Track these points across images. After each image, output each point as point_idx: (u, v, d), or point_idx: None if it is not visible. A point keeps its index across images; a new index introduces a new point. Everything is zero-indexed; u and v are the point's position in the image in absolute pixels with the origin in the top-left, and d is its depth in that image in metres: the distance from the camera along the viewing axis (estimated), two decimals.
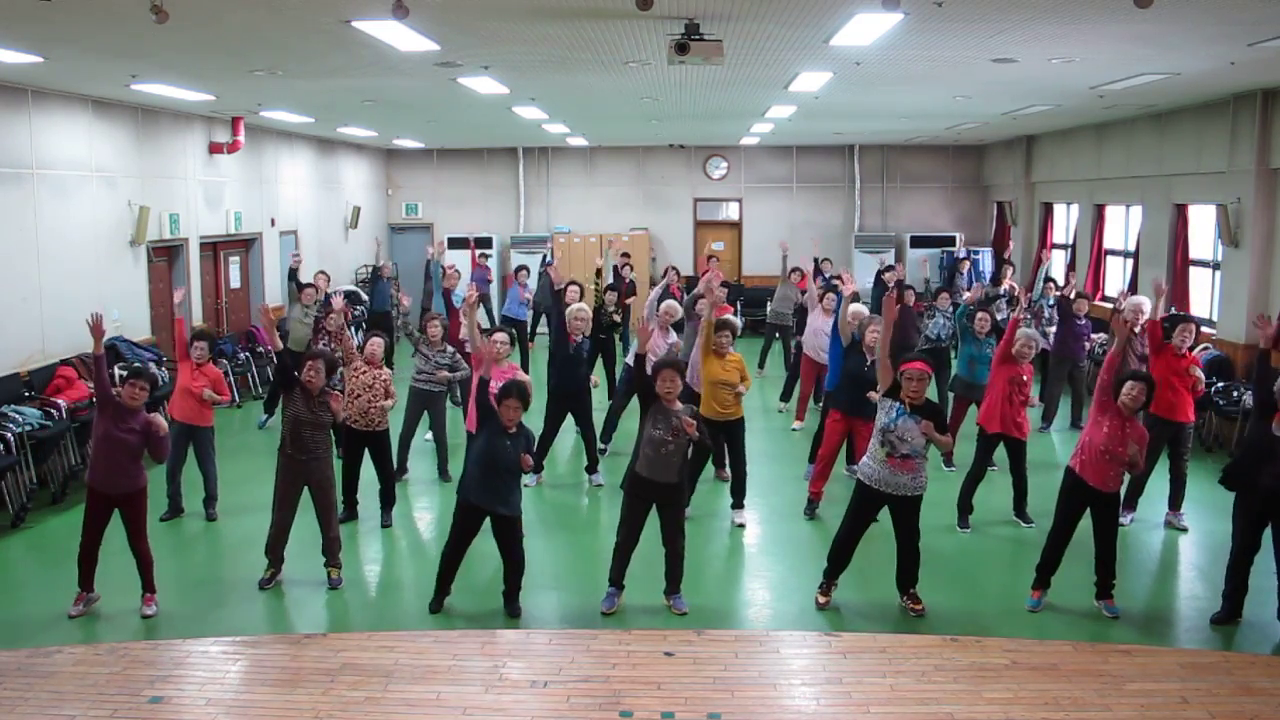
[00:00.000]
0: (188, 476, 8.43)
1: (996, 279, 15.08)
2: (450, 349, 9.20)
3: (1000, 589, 6.89)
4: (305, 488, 6.92)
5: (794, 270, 13.87)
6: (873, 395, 7.34)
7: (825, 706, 5.27)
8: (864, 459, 6.45)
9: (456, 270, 13.35)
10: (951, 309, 11.02)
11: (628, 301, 14.50)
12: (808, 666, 5.80)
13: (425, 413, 9.23)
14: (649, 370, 6.51)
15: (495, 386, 6.52)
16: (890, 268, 14.76)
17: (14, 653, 5.90)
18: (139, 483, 6.46)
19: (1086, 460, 6.29)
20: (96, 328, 6.49)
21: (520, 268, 14.71)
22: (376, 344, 8.19)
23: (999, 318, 12.49)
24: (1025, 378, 7.91)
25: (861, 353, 8.17)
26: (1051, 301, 12.00)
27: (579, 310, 9.15)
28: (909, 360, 6.39)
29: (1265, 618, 6.24)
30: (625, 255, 16.99)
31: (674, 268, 14.37)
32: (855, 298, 8.67)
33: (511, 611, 6.43)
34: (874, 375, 7.77)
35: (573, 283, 11.37)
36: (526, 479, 9.10)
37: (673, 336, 9.71)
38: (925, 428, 6.13)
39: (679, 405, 6.37)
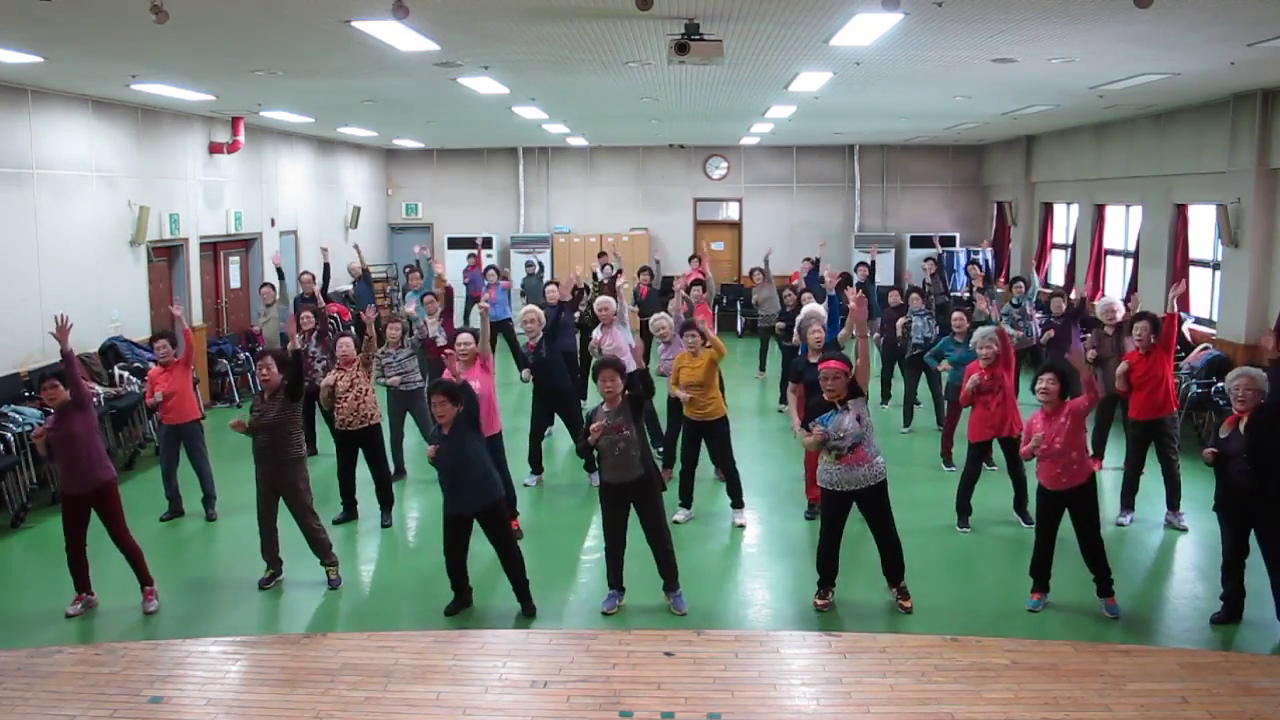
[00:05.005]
0: (185, 478, 8.43)
1: (969, 284, 15.06)
2: (410, 340, 9.26)
3: (1000, 589, 6.89)
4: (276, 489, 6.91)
5: (754, 270, 14.15)
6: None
7: (825, 706, 5.27)
8: (819, 467, 6.41)
9: (419, 273, 13.39)
10: (925, 309, 11.04)
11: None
12: (808, 666, 5.80)
13: (408, 413, 9.28)
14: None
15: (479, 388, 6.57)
16: (862, 264, 14.84)
17: (14, 653, 5.90)
18: (104, 476, 6.44)
19: (1041, 468, 6.34)
20: (62, 331, 6.44)
21: (489, 268, 14.67)
22: (344, 344, 8.16)
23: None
24: (988, 377, 7.76)
25: (809, 363, 7.77)
26: (1029, 297, 11.97)
27: (526, 312, 9.17)
28: (824, 359, 6.42)
29: (1265, 618, 6.23)
30: (602, 254, 16.93)
31: (649, 268, 14.39)
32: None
33: (526, 611, 6.42)
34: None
35: (551, 282, 11.39)
36: (527, 479, 9.16)
37: (623, 336, 9.65)
38: (855, 309, 6.35)
39: (619, 401, 6.32)
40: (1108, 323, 9.05)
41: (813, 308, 9.37)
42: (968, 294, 14.33)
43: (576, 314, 11.10)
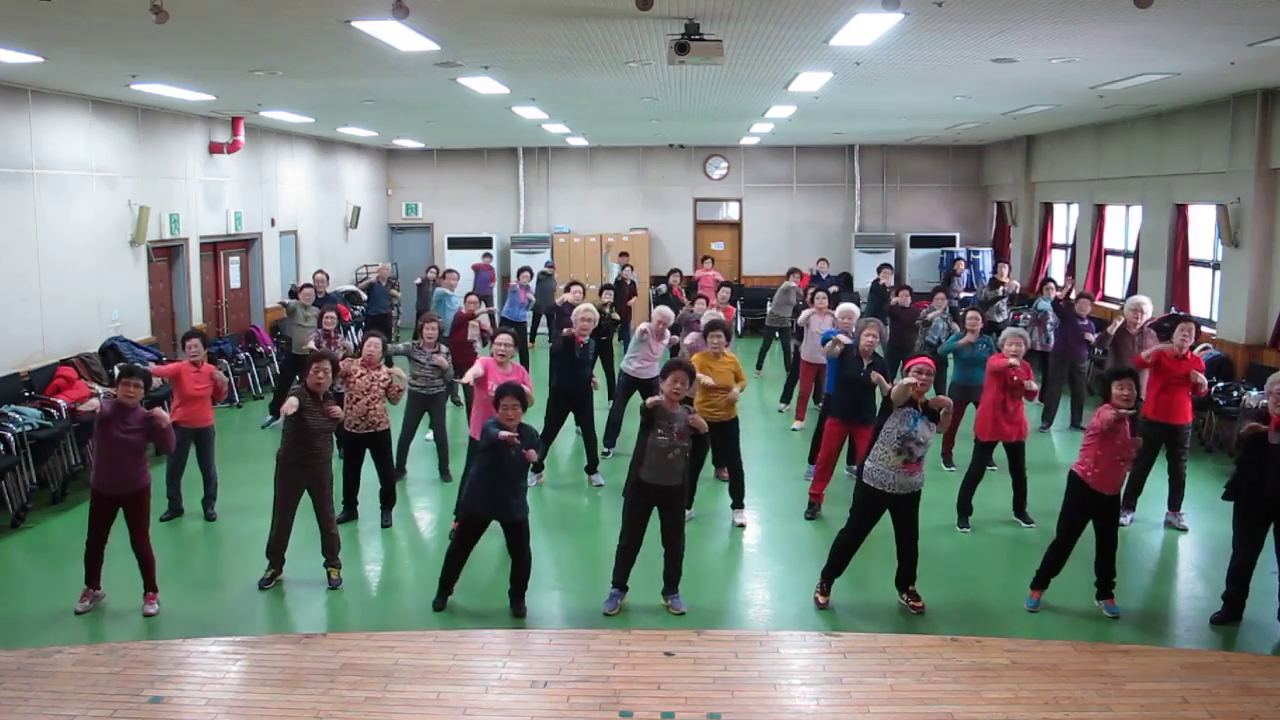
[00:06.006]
0: (187, 476, 8.43)
1: (994, 281, 15.09)
2: (444, 348, 9.23)
3: (1000, 589, 6.89)
4: (305, 489, 6.92)
5: (792, 271, 14.08)
6: (877, 377, 7.47)
7: (825, 706, 5.27)
8: (870, 464, 6.37)
9: (456, 273, 13.40)
10: (948, 310, 11.03)
11: (629, 303, 14.52)
12: (808, 666, 5.80)
13: (426, 414, 9.25)
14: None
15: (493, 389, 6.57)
16: (886, 266, 14.85)
17: (14, 653, 5.90)
18: (143, 481, 6.48)
19: (1101, 472, 6.25)
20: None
21: (522, 269, 14.69)
22: (373, 344, 8.15)
23: (999, 319, 12.55)
24: (1017, 379, 7.78)
25: (858, 358, 8.09)
26: (1049, 301, 12.00)
27: (585, 310, 9.14)
28: (914, 356, 6.49)
29: (1265, 618, 6.24)
30: (624, 255, 16.97)
31: (678, 270, 14.43)
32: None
33: (517, 611, 6.43)
34: (869, 379, 7.78)
35: (574, 283, 11.37)
36: (527, 479, 9.13)
37: (668, 338, 9.71)
38: (937, 403, 6.28)
39: (679, 408, 6.37)
40: (1133, 323, 9.00)
41: (850, 308, 9.43)
42: (984, 289, 14.34)
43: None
